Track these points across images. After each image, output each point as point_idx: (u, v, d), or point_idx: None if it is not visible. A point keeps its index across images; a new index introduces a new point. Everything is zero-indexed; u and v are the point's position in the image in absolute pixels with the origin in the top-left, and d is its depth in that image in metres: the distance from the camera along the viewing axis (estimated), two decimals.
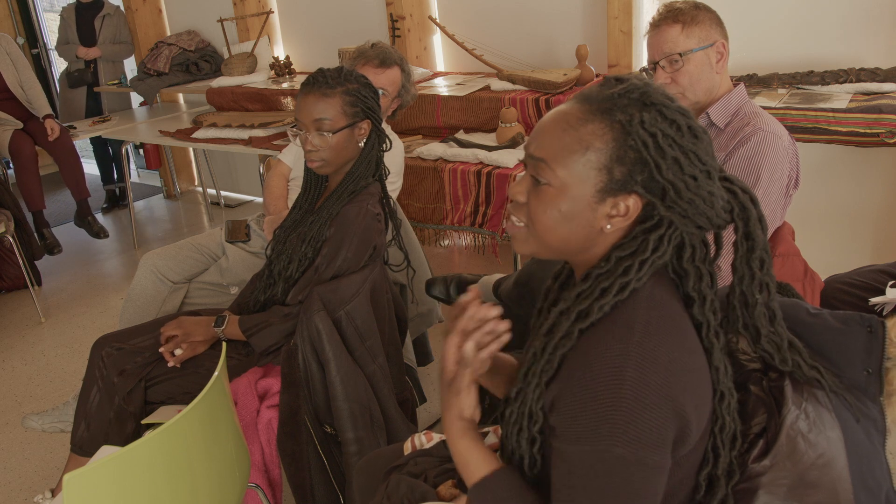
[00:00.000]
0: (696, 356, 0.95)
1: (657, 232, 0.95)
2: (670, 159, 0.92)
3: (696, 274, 0.97)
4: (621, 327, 0.92)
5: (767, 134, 1.73)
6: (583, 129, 0.94)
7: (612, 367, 0.89)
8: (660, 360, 0.89)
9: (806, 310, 1.13)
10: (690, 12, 1.77)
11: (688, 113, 0.94)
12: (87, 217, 4.38)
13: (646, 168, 0.93)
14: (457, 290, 2.18)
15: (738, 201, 0.97)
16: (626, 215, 0.95)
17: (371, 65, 2.38)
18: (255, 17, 4.33)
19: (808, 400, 1.03)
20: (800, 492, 1.00)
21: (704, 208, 0.94)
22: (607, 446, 0.87)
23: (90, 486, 1.10)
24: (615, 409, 0.87)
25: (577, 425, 0.90)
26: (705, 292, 0.98)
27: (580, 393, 0.90)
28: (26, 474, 2.43)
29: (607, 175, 0.94)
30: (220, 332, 1.86)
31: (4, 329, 3.49)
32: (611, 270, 0.96)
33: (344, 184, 1.84)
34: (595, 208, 0.95)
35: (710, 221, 0.96)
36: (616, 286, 0.94)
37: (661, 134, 0.92)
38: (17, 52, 4.12)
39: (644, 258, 0.95)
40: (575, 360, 0.94)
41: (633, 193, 0.94)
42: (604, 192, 0.94)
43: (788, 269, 1.80)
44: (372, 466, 1.44)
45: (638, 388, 0.87)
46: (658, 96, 0.94)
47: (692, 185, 0.93)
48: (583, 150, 0.94)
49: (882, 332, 1.05)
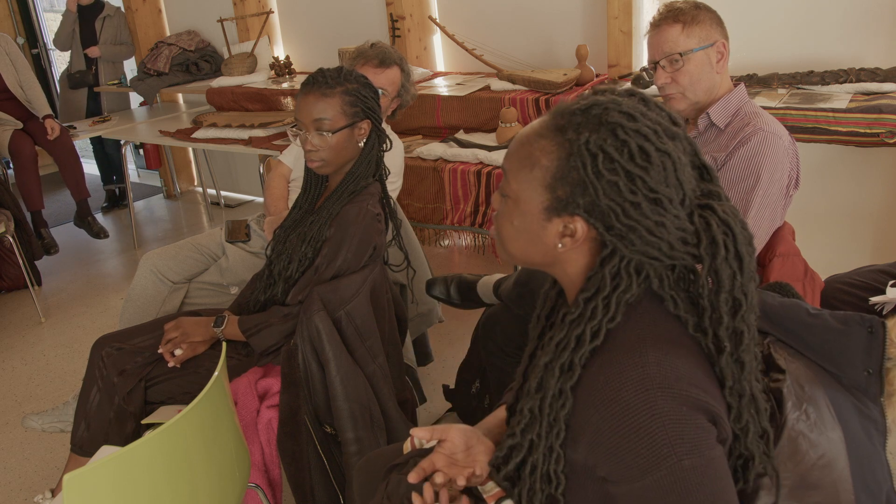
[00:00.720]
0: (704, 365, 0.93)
1: (611, 263, 0.93)
2: (605, 182, 0.89)
3: (671, 300, 0.95)
4: (630, 353, 0.90)
5: (768, 134, 1.73)
6: (535, 145, 0.93)
7: (638, 394, 0.87)
8: (681, 372, 0.88)
9: (806, 310, 1.13)
10: (691, 12, 1.77)
11: (649, 136, 0.89)
12: (87, 217, 4.38)
13: (586, 191, 0.90)
14: (457, 290, 2.18)
15: (709, 234, 0.90)
16: (574, 237, 0.93)
17: (371, 65, 2.38)
18: (255, 17, 4.33)
19: (808, 401, 1.03)
20: (801, 492, 1.00)
21: (650, 238, 0.89)
22: (674, 465, 0.86)
23: (90, 486, 1.10)
24: (662, 430, 0.86)
25: (633, 462, 0.88)
26: (685, 318, 0.94)
27: (618, 432, 0.88)
28: (26, 474, 2.43)
29: (551, 194, 0.92)
30: (219, 333, 1.86)
31: (4, 329, 3.49)
32: (581, 315, 0.94)
33: (344, 184, 1.84)
34: (544, 226, 0.94)
35: (662, 253, 0.91)
36: (587, 333, 0.92)
37: (603, 155, 0.89)
38: (17, 53, 4.12)
39: (605, 295, 0.92)
40: (590, 403, 0.91)
41: (577, 216, 0.92)
42: (549, 211, 0.93)
43: (789, 269, 1.80)
44: (372, 466, 1.43)
45: (672, 403, 0.87)
46: (617, 115, 0.90)
47: (632, 212, 0.89)
48: (531, 165, 0.93)
49: (882, 333, 1.05)
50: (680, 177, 0.90)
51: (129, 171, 4.88)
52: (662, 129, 0.91)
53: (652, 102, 0.95)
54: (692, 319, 0.94)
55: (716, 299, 0.91)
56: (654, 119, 0.92)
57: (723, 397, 0.94)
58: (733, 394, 0.93)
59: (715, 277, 0.91)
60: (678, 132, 0.93)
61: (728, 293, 0.91)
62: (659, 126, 0.91)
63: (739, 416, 0.94)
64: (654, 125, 0.91)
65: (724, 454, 0.91)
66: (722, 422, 0.91)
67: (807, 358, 1.10)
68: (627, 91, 0.95)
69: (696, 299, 0.95)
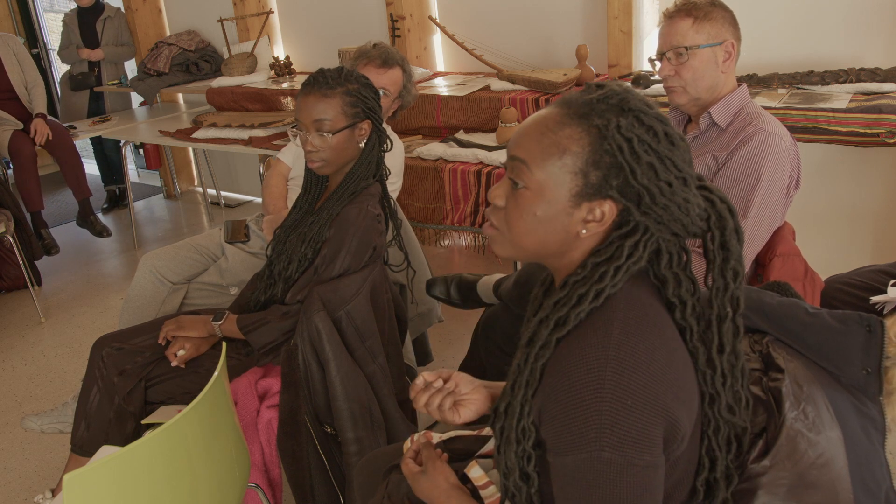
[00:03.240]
0: (678, 353, 0.95)
1: (633, 238, 0.95)
2: (645, 164, 0.92)
3: (674, 280, 0.97)
4: (598, 331, 0.92)
5: (769, 134, 1.73)
6: (560, 133, 0.94)
7: (591, 372, 0.88)
8: (640, 360, 0.89)
9: (805, 309, 1.13)
10: (705, 8, 1.77)
11: (665, 120, 0.95)
12: (90, 217, 4.39)
13: (621, 173, 0.93)
14: (457, 290, 2.18)
15: (715, 210, 0.97)
16: (601, 221, 0.95)
17: (373, 65, 2.38)
18: (255, 17, 4.33)
19: (807, 400, 1.03)
20: (799, 492, 1.00)
21: (679, 215, 0.94)
22: (595, 452, 0.87)
23: (90, 486, 1.10)
24: (598, 414, 0.87)
25: (565, 435, 0.90)
26: (685, 298, 0.97)
27: (563, 402, 0.90)
28: (26, 474, 2.43)
29: (583, 179, 0.94)
30: (217, 328, 1.86)
31: (4, 329, 3.49)
32: (587, 277, 0.95)
33: (344, 184, 1.84)
34: (570, 213, 0.95)
35: (685, 229, 0.96)
36: (591, 293, 0.94)
37: (637, 139, 0.92)
38: (24, 53, 4.19)
39: (619, 264, 0.94)
40: (554, 369, 0.94)
41: (609, 199, 0.94)
42: (579, 197, 0.94)
43: (789, 269, 1.80)
44: (372, 466, 1.44)
45: (619, 391, 0.87)
46: (636, 102, 0.94)
47: (667, 190, 0.93)
48: (560, 153, 0.94)
49: (881, 332, 1.05)
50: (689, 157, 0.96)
51: (129, 171, 4.88)
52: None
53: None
54: (691, 299, 0.97)
55: (724, 268, 0.97)
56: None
57: (696, 384, 0.96)
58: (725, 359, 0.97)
59: (724, 249, 0.97)
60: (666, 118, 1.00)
61: (735, 261, 0.97)
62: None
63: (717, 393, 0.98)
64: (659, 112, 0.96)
65: (660, 469, 0.90)
66: (676, 427, 0.91)
67: (805, 357, 1.11)
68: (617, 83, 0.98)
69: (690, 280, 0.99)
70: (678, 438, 0.92)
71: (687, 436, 0.94)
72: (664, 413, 0.89)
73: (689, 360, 0.97)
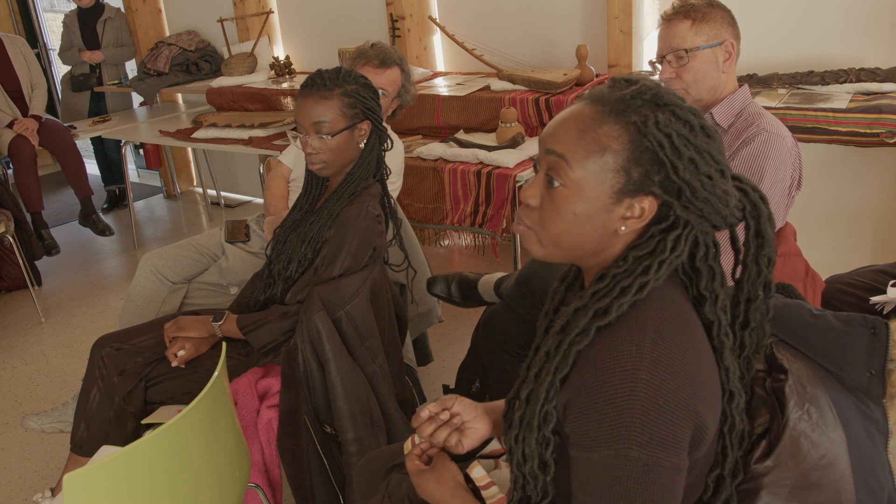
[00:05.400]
0: (706, 356, 0.95)
1: (674, 232, 0.95)
2: (686, 159, 0.92)
3: (708, 273, 0.98)
4: (633, 329, 0.91)
5: (771, 135, 1.73)
6: (599, 131, 0.93)
7: (625, 370, 0.88)
8: (673, 362, 0.89)
9: (809, 311, 1.13)
10: (703, 9, 1.77)
11: (698, 113, 0.95)
12: (92, 215, 4.40)
13: (662, 168, 0.92)
14: (458, 288, 2.18)
15: (749, 199, 0.98)
16: (640, 217, 0.95)
17: (371, 65, 2.38)
18: (255, 17, 4.33)
19: (810, 401, 1.03)
20: (802, 492, 1.00)
21: (720, 207, 0.94)
22: (623, 450, 0.87)
23: (90, 486, 1.10)
24: (630, 413, 0.87)
25: (593, 431, 0.89)
26: (717, 291, 0.98)
27: (594, 397, 0.90)
28: (26, 474, 2.43)
29: (625, 176, 0.93)
30: (217, 328, 1.86)
31: (4, 329, 3.49)
32: (629, 270, 0.95)
33: (344, 185, 1.84)
34: (611, 210, 0.95)
35: (724, 220, 0.96)
36: (636, 285, 0.94)
37: (677, 134, 0.92)
38: (31, 54, 4.26)
39: (663, 258, 0.94)
40: (587, 363, 0.93)
41: (650, 194, 0.94)
42: (621, 194, 0.94)
43: (790, 270, 1.80)
44: (372, 466, 1.43)
45: (651, 391, 0.87)
46: (670, 97, 0.94)
47: (708, 184, 0.93)
48: (601, 151, 0.93)
49: (885, 334, 1.05)
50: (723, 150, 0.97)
51: (130, 172, 4.88)
52: None
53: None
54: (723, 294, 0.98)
55: (759, 255, 0.99)
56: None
57: (720, 385, 0.96)
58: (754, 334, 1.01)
59: (759, 237, 0.98)
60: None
61: (770, 248, 0.98)
62: None
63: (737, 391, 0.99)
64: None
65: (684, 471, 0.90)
66: (704, 430, 0.91)
67: (809, 358, 1.10)
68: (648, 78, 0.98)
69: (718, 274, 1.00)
70: (704, 441, 0.93)
71: (712, 438, 0.94)
72: (693, 416, 0.89)
73: (714, 361, 0.97)
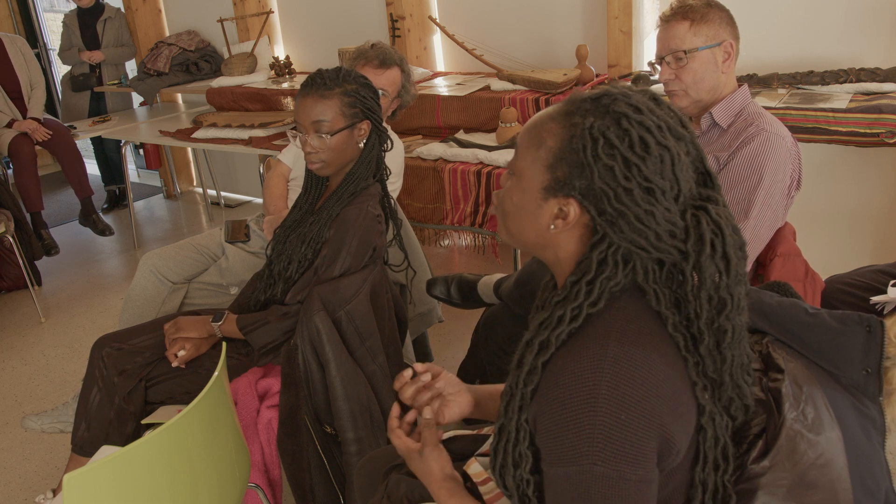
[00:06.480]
0: (676, 366, 0.93)
1: (599, 248, 0.94)
2: (602, 166, 0.90)
3: (654, 295, 0.94)
4: (594, 343, 0.91)
5: (771, 135, 1.73)
6: (545, 126, 0.96)
7: (585, 385, 0.88)
8: (636, 375, 0.88)
9: (804, 310, 1.13)
10: (701, 10, 1.77)
11: (651, 129, 0.91)
12: (92, 215, 4.40)
13: (584, 173, 0.92)
14: (457, 289, 2.18)
15: (697, 231, 0.91)
16: (566, 220, 0.95)
17: (371, 65, 2.38)
18: (255, 17, 4.33)
19: (806, 400, 1.03)
20: (799, 492, 1.00)
21: (637, 226, 0.90)
22: (588, 466, 0.87)
23: (90, 486, 1.10)
24: (591, 429, 0.87)
25: (557, 448, 0.90)
26: (665, 314, 0.94)
27: (556, 414, 0.90)
28: (26, 474, 2.43)
29: (550, 173, 0.95)
30: (217, 328, 1.86)
31: (4, 329, 3.49)
32: (566, 297, 0.95)
33: (344, 185, 1.84)
34: (540, 205, 0.97)
35: (649, 242, 0.91)
36: (568, 314, 0.93)
37: (604, 140, 0.90)
38: (31, 54, 4.27)
39: (590, 279, 0.93)
40: (550, 378, 0.93)
41: (572, 198, 0.94)
42: (547, 191, 0.96)
43: (790, 270, 1.80)
44: (372, 466, 1.44)
45: (613, 405, 0.86)
46: (624, 106, 0.91)
47: (624, 197, 0.90)
48: (538, 145, 0.96)
49: (881, 332, 1.05)
50: (677, 172, 0.91)
51: (130, 172, 4.88)
52: (667, 126, 0.93)
53: (664, 102, 0.96)
54: (672, 317, 0.94)
55: (698, 294, 0.93)
56: (660, 116, 0.93)
57: (693, 398, 0.94)
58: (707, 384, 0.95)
59: (699, 274, 0.92)
60: (685, 134, 0.94)
61: (713, 291, 0.92)
62: (664, 123, 0.93)
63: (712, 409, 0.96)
64: (659, 121, 0.92)
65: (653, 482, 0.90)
66: (671, 441, 0.90)
67: (805, 357, 1.10)
68: (642, 89, 0.98)
69: (681, 299, 0.95)
70: (673, 452, 0.92)
71: (683, 449, 0.93)
72: (659, 428, 0.89)
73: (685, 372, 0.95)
